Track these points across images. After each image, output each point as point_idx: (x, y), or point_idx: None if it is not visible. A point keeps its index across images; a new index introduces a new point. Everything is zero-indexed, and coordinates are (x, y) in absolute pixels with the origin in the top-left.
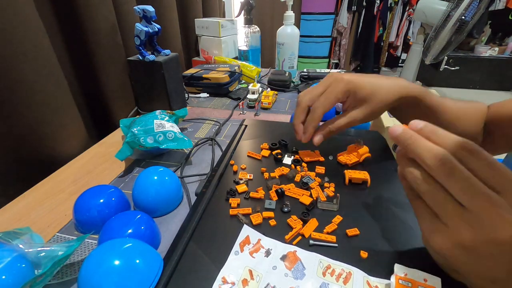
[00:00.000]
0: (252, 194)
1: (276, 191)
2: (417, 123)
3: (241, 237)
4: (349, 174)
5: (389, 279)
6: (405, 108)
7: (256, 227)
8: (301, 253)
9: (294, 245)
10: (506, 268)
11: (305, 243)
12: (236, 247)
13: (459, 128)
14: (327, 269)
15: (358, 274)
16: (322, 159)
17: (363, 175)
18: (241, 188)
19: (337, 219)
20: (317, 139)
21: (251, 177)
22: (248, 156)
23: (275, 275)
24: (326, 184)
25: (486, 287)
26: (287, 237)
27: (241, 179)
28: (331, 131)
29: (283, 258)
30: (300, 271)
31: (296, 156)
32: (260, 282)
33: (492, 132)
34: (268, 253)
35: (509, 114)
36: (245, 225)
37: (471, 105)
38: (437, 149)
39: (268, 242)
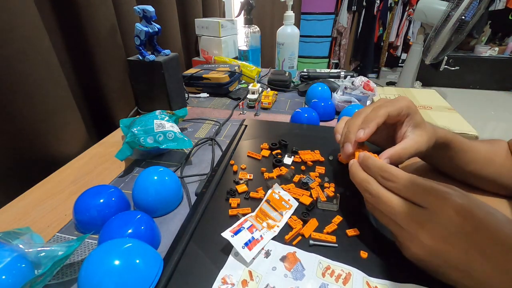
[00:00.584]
0: (252, 194)
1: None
2: (360, 155)
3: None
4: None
5: (389, 279)
6: (438, 150)
7: None
8: (301, 254)
9: (294, 245)
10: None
11: (305, 243)
12: (235, 249)
13: (494, 167)
14: (326, 269)
15: (357, 275)
16: (322, 159)
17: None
18: (241, 188)
19: (337, 219)
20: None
21: (251, 177)
22: (248, 156)
23: (274, 276)
24: (326, 184)
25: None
26: (287, 237)
27: (241, 179)
28: (400, 157)
29: (283, 259)
30: (300, 272)
31: (296, 156)
32: (259, 283)
33: None
34: (267, 254)
35: None
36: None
37: (495, 144)
38: (361, 179)
39: (268, 243)
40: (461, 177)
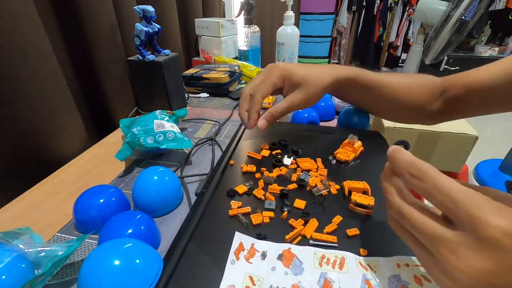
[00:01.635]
0: (254, 192)
1: (282, 193)
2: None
3: (234, 245)
4: (348, 184)
5: (377, 255)
6: (342, 89)
7: (256, 227)
8: (296, 248)
9: (289, 243)
10: None
11: (305, 243)
12: (232, 256)
13: (403, 99)
14: (322, 259)
15: (350, 258)
16: (322, 167)
17: (362, 185)
18: (241, 188)
19: (337, 219)
20: (261, 123)
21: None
22: (248, 156)
23: (275, 276)
24: (328, 183)
25: None
26: (287, 237)
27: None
28: (273, 116)
29: (280, 257)
30: (298, 267)
31: (293, 161)
32: (262, 286)
33: (453, 100)
34: (264, 255)
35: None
36: (236, 232)
37: (419, 79)
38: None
39: (262, 245)
40: (378, 110)
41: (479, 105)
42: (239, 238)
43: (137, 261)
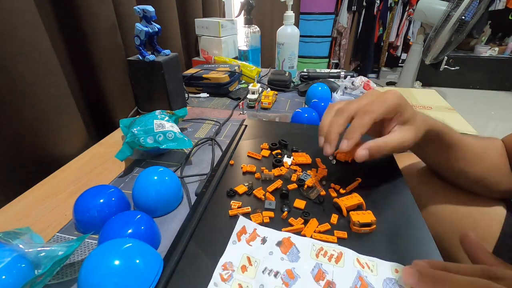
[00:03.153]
0: (254, 192)
1: (282, 193)
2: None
3: (237, 228)
4: (344, 203)
5: (377, 257)
6: (429, 143)
7: None
8: (295, 238)
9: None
10: None
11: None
12: (234, 237)
13: (484, 164)
14: (320, 251)
15: (348, 254)
16: (323, 167)
17: (356, 199)
18: (241, 188)
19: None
20: (362, 153)
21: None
22: (248, 156)
23: (272, 259)
24: (332, 184)
25: None
26: (284, 229)
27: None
28: (379, 150)
29: (279, 244)
30: (295, 255)
31: (293, 161)
32: (258, 267)
33: None
34: (264, 240)
35: None
36: (240, 216)
37: (489, 141)
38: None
39: (263, 230)
40: (447, 174)
41: None
42: (243, 221)
43: (137, 261)
